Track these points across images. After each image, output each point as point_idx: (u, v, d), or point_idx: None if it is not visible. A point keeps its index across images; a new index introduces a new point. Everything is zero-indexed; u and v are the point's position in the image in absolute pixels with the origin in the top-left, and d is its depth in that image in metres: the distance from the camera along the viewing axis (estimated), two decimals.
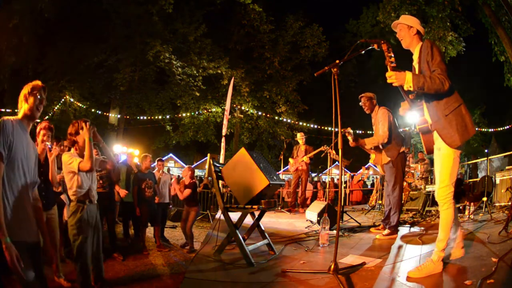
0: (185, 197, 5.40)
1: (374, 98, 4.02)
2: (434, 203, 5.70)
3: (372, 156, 4.06)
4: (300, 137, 6.87)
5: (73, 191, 2.68)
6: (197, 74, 15.22)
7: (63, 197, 3.88)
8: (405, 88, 2.18)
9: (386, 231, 3.68)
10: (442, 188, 2.17)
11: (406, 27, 2.36)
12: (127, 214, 5.79)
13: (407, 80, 2.11)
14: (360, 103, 4.07)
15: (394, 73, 2.15)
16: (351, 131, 3.90)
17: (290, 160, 6.79)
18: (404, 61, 2.53)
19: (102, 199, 4.52)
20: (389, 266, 2.51)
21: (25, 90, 1.97)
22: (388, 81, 2.20)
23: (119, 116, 16.08)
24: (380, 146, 3.86)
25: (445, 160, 2.17)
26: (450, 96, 2.15)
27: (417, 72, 2.30)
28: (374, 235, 3.83)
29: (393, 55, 2.22)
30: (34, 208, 1.94)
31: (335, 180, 13.20)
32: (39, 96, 1.97)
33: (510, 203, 4.69)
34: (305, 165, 6.62)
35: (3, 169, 1.71)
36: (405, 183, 6.27)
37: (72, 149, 2.79)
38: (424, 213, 5.32)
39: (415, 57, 2.35)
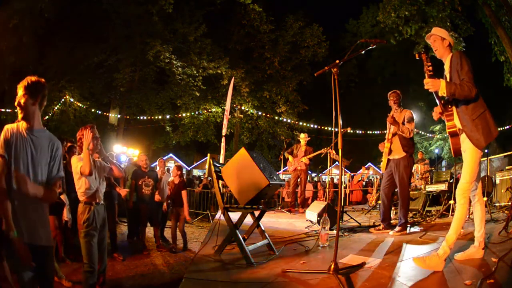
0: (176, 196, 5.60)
1: (401, 98, 4.25)
2: (434, 203, 5.71)
3: (387, 144, 4.14)
4: (303, 137, 6.84)
5: (81, 191, 2.80)
6: (197, 74, 15.22)
7: (62, 197, 3.88)
8: (440, 94, 2.43)
9: (398, 228, 3.81)
10: (462, 184, 2.35)
11: (440, 39, 2.58)
12: (132, 213, 5.80)
13: (441, 87, 2.36)
14: (390, 99, 4.21)
15: (430, 80, 2.40)
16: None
17: (290, 157, 6.75)
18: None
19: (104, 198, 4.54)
20: (389, 266, 2.50)
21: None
22: (425, 87, 2.44)
23: (119, 116, 16.07)
24: (401, 140, 4.03)
25: (468, 159, 2.37)
26: (476, 102, 2.38)
27: (448, 80, 2.51)
28: (374, 235, 3.86)
29: (431, 64, 2.47)
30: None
31: (335, 180, 13.20)
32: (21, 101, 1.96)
33: (510, 203, 4.69)
34: (304, 165, 6.61)
35: (5, 169, 1.78)
36: None
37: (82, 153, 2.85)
38: (424, 213, 5.32)
39: (447, 67, 2.57)
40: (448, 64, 2.54)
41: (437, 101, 2.58)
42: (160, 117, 16.08)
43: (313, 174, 18.17)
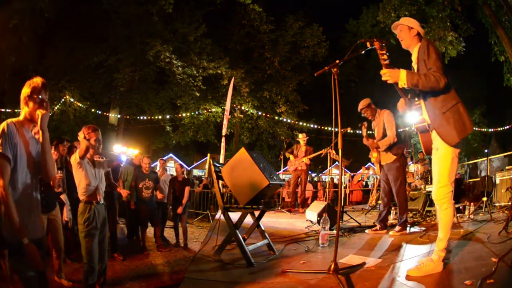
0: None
1: (372, 103, 4.14)
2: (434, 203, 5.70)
3: (374, 154, 4.10)
4: (302, 137, 6.84)
5: (81, 188, 2.80)
6: (197, 74, 15.22)
7: (62, 197, 3.88)
8: (400, 86, 2.20)
9: (398, 228, 3.78)
10: (441, 188, 2.17)
11: (407, 28, 2.37)
12: (132, 213, 5.81)
13: (401, 78, 2.14)
14: (363, 115, 4.17)
15: (388, 71, 2.18)
16: (366, 124, 4.13)
17: (291, 157, 6.73)
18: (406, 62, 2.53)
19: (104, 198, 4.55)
20: (389, 266, 2.50)
21: (25, 91, 1.88)
22: (383, 78, 2.23)
23: (119, 116, 16.07)
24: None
25: (443, 159, 2.17)
26: (447, 94, 2.15)
27: (415, 72, 2.33)
28: (380, 234, 3.85)
29: (385, 53, 2.24)
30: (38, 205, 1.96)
31: (335, 180, 13.20)
32: (38, 100, 1.87)
33: (510, 203, 4.69)
34: (305, 165, 6.60)
35: (9, 170, 1.73)
36: None
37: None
38: (424, 213, 5.32)
39: (414, 57, 2.37)
40: (416, 55, 2.32)
41: (400, 94, 2.37)
42: (160, 117, 16.08)
43: (313, 174, 18.17)
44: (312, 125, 16.92)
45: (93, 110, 15.57)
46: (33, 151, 1.92)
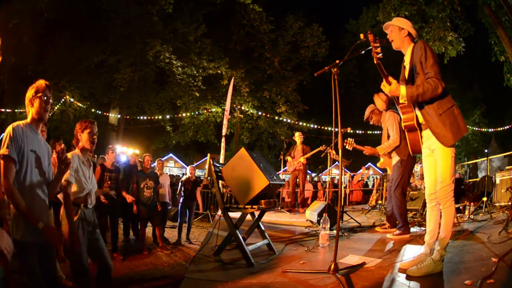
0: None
1: (375, 109, 4.11)
2: None
3: (381, 160, 4.06)
4: (297, 136, 6.82)
5: (73, 192, 2.70)
6: (197, 74, 15.21)
7: (59, 196, 3.86)
8: (400, 101, 2.28)
9: (397, 231, 3.55)
10: (445, 187, 2.21)
11: (397, 29, 2.40)
12: (127, 214, 5.80)
13: (401, 95, 2.22)
14: (370, 123, 4.16)
15: (389, 88, 2.26)
16: (351, 140, 4.03)
17: (289, 158, 6.72)
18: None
19: (106, 199, 4.55)
20: (389, 266, 2.50)
21: (29, 93, 1.94)
22: (383, 89, 2.32)
23: (119, 116, 16.06)
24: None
25: (444, 159, 2.21)
26: (443, 97, 2.20)
27: (407, 72, 2.36)
28: (380, 234, 3.83)
29: (379, 46, 2.26)
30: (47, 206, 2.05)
31: (335, 180, 13.19)
32: (44, 98, 1.94)
33: (510, 203, 4.69)
34: (302, 165, 6.59)
35: (14, 171, 1.80)
36: None
37: (77, 149, 2.71)
38: (424, 213, 5.31)
39: (406, 58, 2.39)
40: (409, 56, 2.34)
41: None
42: (160, 117, 16.08)
43: (313, 174, 18.17)
44: (312, 125, 16.92)
45: (93, 110, 15.56)
46: (41, 152, 1.98)
